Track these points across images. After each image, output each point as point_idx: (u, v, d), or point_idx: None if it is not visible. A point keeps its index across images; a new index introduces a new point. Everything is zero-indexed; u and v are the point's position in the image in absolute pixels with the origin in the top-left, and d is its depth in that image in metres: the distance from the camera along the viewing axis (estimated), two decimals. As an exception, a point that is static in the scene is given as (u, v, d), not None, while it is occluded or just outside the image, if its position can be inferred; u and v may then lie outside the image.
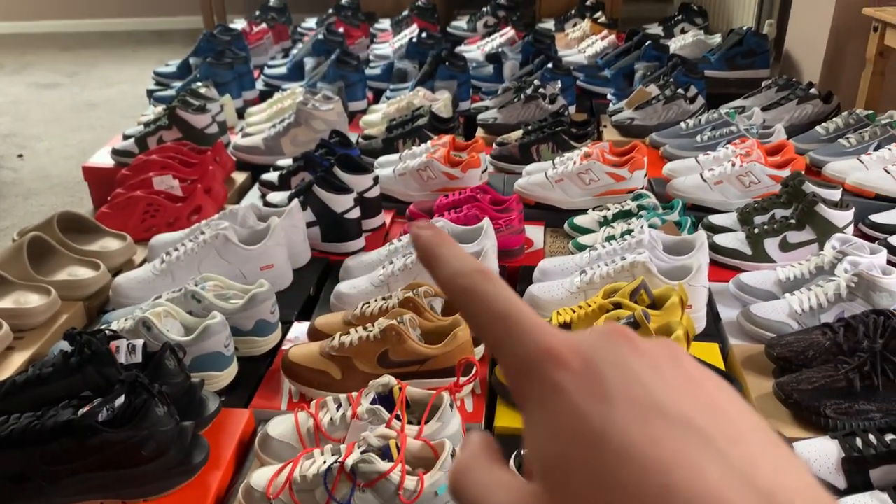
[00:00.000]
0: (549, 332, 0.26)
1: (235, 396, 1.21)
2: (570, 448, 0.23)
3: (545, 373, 0.25)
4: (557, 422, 0.24)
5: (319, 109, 2.14)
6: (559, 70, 2.63)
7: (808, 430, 1.12)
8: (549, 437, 0.24)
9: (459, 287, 0.28)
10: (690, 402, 0.23)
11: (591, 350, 0.25)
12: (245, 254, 1.43)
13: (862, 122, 2.12)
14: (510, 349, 0.26)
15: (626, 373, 0.24)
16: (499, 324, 0.27)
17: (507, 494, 0.25)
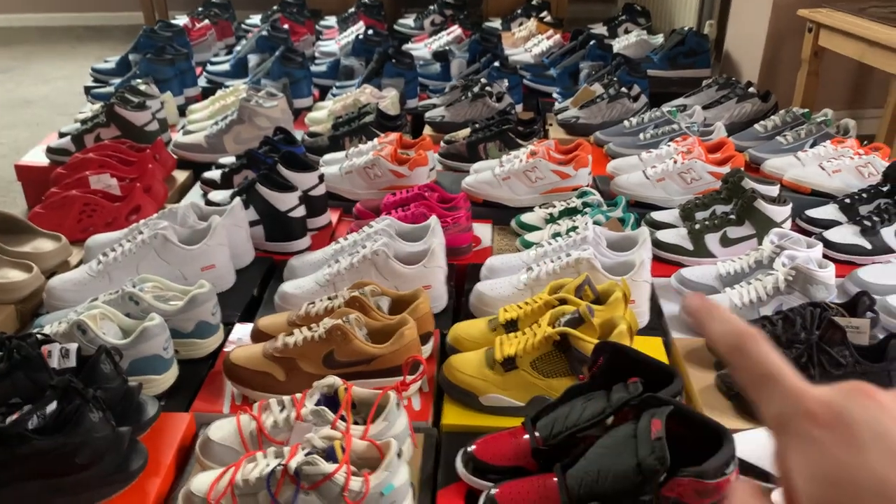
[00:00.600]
0: (806, 391, 0.31)
1: (176, 400, 1.18)
2: (833, 491, 0.28)
3: (802, 428, 0.30)
4: (818, 468, 0.29)
5: (263, 106, 2.11)
6: (506, 69, 2.64)
7: (749, 421, 1.14)
8: (815, 481, 0.29)
9: (729, 345, 0.34)
10: None
11: (840, 407, 0.30)
12: (185, 254, 1.40)
13: (798, 121, 2.18)
14: (773, 406, 0.32)
15: (874, 427, 0.29)
16: (763, 382, 0.32)
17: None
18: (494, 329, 1.28)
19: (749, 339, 0.33)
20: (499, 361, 1.16)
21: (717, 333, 0.34)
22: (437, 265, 1.41)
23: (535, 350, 1.14)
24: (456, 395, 1.18)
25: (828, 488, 0.29)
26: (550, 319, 1.17)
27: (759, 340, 0.33)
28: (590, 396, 0.99)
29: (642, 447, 0.85)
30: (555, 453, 0.97)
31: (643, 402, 0.92)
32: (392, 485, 0.93)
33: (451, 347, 1.29)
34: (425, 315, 1.25)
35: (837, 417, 0.30)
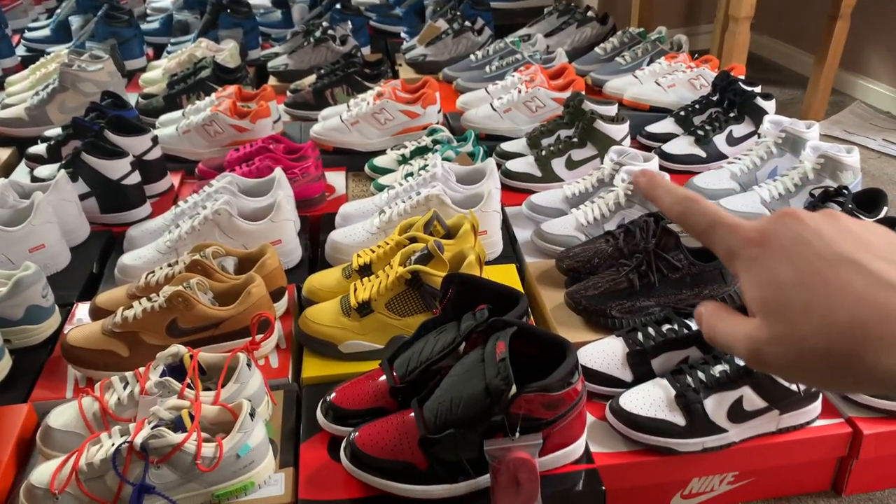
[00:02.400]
0: (743, 224, 0.39)
1: (13, 392, 1.09)
2: (767, 291, 0.37)
3: (744, 251, 0.38)
4: (758, 278, 0.37)
5: (87, 70, 1.96)
6: (349, 10, 2.57)
7: (599, 332, 1.19)
8: (755, 288, 0.37)
9: (677, 213, 0.42)
10: (842, 245, 0.35)
11: (770, 229, 0.38)
12: (7, 236, 1.29)
13: (635, 40, 2.24)
14: (721, 244, 0.40)
15: (796, 238, 0.37)
16: (709, 230, 0.41)
17: (743, 327, 0.38)
18: (349, 276, 1.26)
19: (691, 201, 0.42)
20: (354, 307, 1.15)
21: (666, 203, 0.43)
22: (285, 218, 1.37)
23: (389, 291, 1.14)
24: (314, 347, 1.16)
25: (762, 290, 0.37)
26: (401, 259, 1.17)
27: (699, 200, 0.42)
28: (441, 329, 1.00)
29: (489, 370, 0.86)
30: (412, 389, 0.97)
31: (490, 327, 0.93)
32: (248, 445, 0.91)
33: (307, 300, 1.26)
34: (274, 271, 1.21)
35: (767, 236, 0.37)
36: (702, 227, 0.41)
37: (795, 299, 0.35)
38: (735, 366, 1.00)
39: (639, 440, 1.00)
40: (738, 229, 0.39)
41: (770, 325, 0.36)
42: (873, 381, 0.34)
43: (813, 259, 0.35)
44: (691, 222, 0.42)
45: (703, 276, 1.19)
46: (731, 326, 0.40)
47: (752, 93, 1.73)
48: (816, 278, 0.35)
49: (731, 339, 0.39)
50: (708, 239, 0.41)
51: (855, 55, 2.73)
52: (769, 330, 0.37)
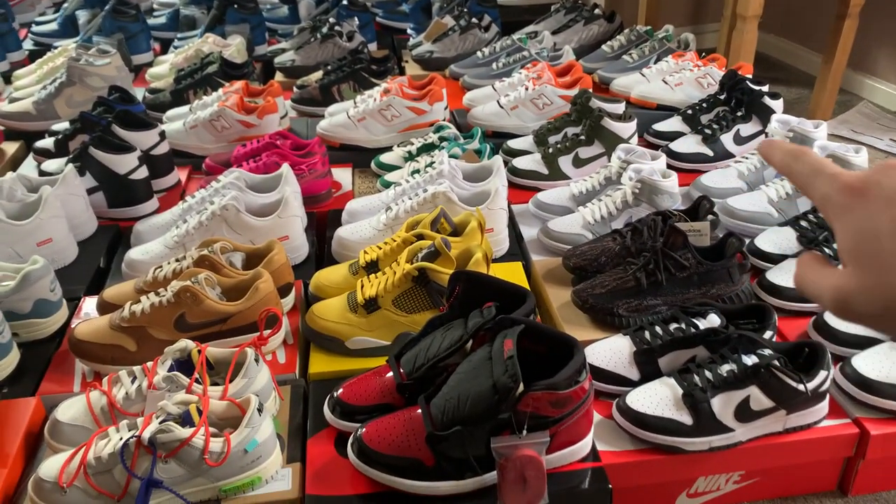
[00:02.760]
0: (845, 174, 0.39)
1: (21, 386, 1.10)
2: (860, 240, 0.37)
3: (842, 200, 0.38)
4: (852, 226, 0.37)
5: (94, 65, 1.96)
6: (355, 7, 2.56)
7: (606, 331, 1.19)
8: (848, 236, 0.37)
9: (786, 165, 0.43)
10: None
11: (869, 179, 0.37)
12: (15, 230, 1.29)
13: (642, 39, 2.24)
14: (820, 191, 0.40)
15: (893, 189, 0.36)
16: (811, 177, 0.41)
17: (830, 277, 0.39)
18: (356, 273, 1.26)
19: (800, 152, 0.42)
20: (361, 304, 1.15)
21: (777, 159, 0.43)
22: (292, 214, 1.37)
23: (396, 288, 1.14)
24: (321, 343, 1.16)
25: (855, 238, 0.37)
26: (408, 256, 1.17)
27: (807, 151, 0.42)
28: (449, 326, 1.00)
29: (497, 367, 0.86)
30: (419, 386, 0.97)
31: (497, 325, 0.93)
32: (255, 440, 0.91)
33: (314, 296, 1.26)
34: (282, 266, 1.22)
35: (866, 185, 0.37)
36: (805, 176, 0.41)
37: (889, 249, 0.35)
38: (742, 365, 1.00)
39: (645, 439, 1.00)
40: (839, 177, 0.39)
41: (861, 275, 0.36)
42: None
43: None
44: (795, 171, 0.42)
45: (710, 275, 1.19)
46: (820, 276, 0.40)
47: (759, 92, 1.72)
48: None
49: (819, 288, 0.39)
50: (809, 187, 0.41)
51: (863, 55, 2.72)
52: (860, 279, 0.37)
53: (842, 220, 0.38)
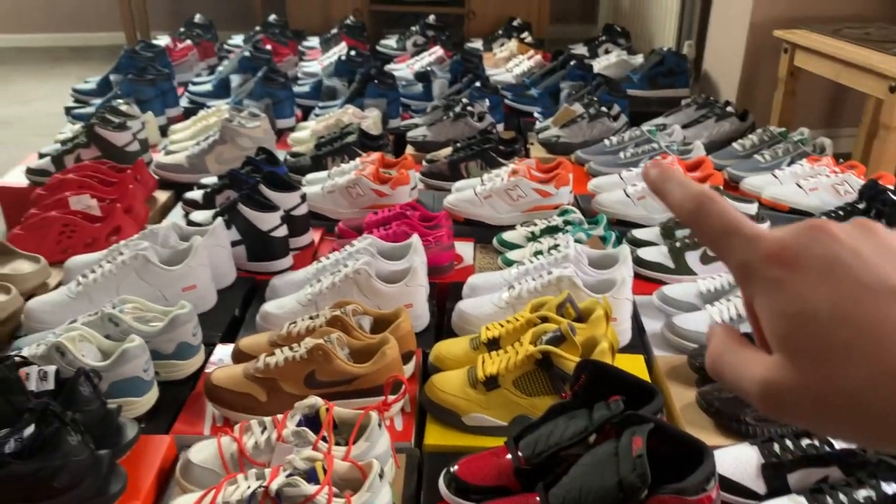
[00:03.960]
0: (765, 237, 0.33)
1: (156, 423, 1.16)
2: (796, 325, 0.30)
3: (766, 272, 0.32)
4: (783, 307, 0.31)
5: (246, 127, 2.11)
6: (487, 89, 2.66)
7: (730, 437, 1.15)
8: (778, 319, 0.31)
9: (688, 211, 0.35)
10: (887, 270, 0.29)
11: (796, 245, 0.31)
12: (166, 275, 1.39)
13: (775, 139, 2.21)
14: (736, 257, 0.33)
15: (829, 259, 0.30)
16: (723, 237, 0.34)
17: (756, 367, 0.32)
18: (476, 348, 1.28)
19: (707, 199, 0.35)
20: (481, 380, 1.16)
21: (676, 199, 0.35)
22: (418, 284, 1.41)
23: (518, 369, 1.14)
24: (438, 415, 1.18)
25: (789, 322, 0.31)
26: (532, 338, 1.18)
27: (717, 199, 0.35)
28: (572, 415, 1.00)
29: (624, 465, 0.85)
30: (537, 472, 0.97)
31: (624, 420, 0.92)
32: (374, 505, 0.92)
33: (433, 366, 1.29)
34: (407, 334, 1.25)
35: (794, 255, 0.31)
36: (715, 233, 0.34)
37: (831, 337, 0.29)
38: (882, 494, 0.94)
39: (771, 559, 0.95)
40: (759, 242, 0.33)
41: (796, 367, 0.30)
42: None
43: (853, 287, 0.29)
44: (703, 225, 0.34)
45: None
46: (742, 362, 0.33)
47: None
48: (858, 311, 0.29)
49: (741, 378, 0.33)
50: (721, 248, 0.34)
51: None
52: (794, 372, 0.30)
53: (766, 296, 0.32)
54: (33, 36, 4.82)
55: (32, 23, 4.80)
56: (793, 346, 0.30)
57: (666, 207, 0.36)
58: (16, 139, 3.19)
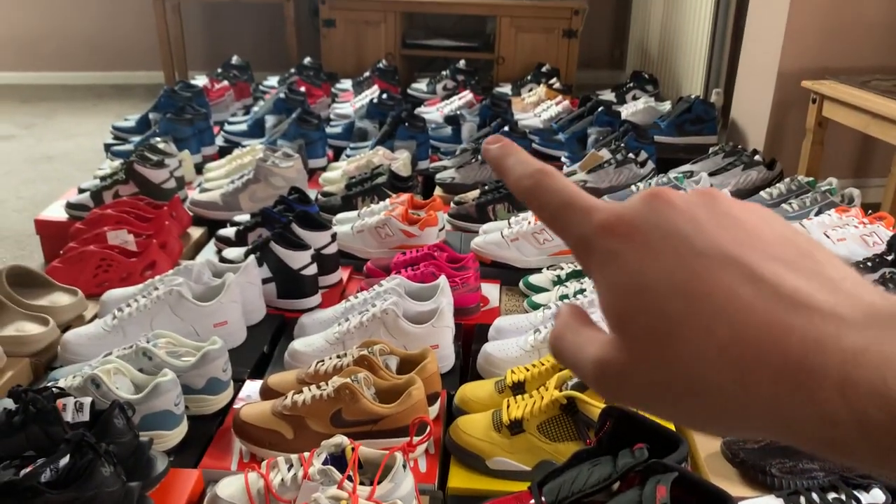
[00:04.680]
0: (601, 208, 0.31)
1: (185, 456, 1.18)
2: (629, 299, 0.28)
3: (602, 244, 0.30)
4: (617, 280, 0.29)
5: (279, 166, 2.16)
6: (515, 133, 2.70)
7: (755, 489, 1.14)
8: (612, 294, 0.29)
9: (525, 188, 0.33)
10: (726, 237, 0.27)
11: (633, 215, 0.29)
12: (198, 310, 1.42)
13: (803, 189, 2.21)
14: (572, 231, 0.31)
15: (665, 228, 0.28)
16: (560, 212, 0.32)
17: (593, 346, 0.29)
18: (502, 391, 1.29)
19: (545, 175, 0.33)
20: (506, 424, 1.17)
21: (514, 176, 0.33)
22: (445, 325, 1.42)
23: (542, 413, 1.15)
24: (462, 458, 1.18)
25: (622, 296, 0.28)
26: (557, 383, 1.18)
27: (554, 174, 0.33)
28: (596, 461, 1.00)
29: (648, 513, 0.85)
30: (560, 518, 0.97)
31: (649, 468, 0.92)
32: (397, 547, 0.93)
33: (458, 409, 1.29)
34: (433, 375, 1.26)
35: (630, 225, 0.29)
36: (552, 209, 0.32)
37: (664, 310, 0.27)
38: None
39: None
40: (595, 213, 0.30)
41: (629, 344, 0.28)
42: (766, 430, 0.26)
43: (688, 257, 0.27)
44: (541, 201, 0.32)
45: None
46: (581, 342, 0.30)
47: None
48: (693, 283, 0.27)
49: (577, 358, 0.30)
50: (559, 225, 0.32)
51: None
52: (627, 350, 0.28)
53: (604, 271, 0.29)
54: (77, 74, 4.98)
55: (77, 61, 4.97)
56: (626, 322, 0.28)
57: (507, 185, 0.34)
58: (58, 173, 3.28)
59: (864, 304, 0.26)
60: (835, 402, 0.24)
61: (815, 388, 0.24)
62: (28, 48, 4.90)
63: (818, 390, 0.24)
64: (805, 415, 0.25)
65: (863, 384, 0.24)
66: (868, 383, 0.24)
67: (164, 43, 4.41)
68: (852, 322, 0.25)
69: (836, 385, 0.24)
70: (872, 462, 0.25)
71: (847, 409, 0.24)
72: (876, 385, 0.23)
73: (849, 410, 0.24)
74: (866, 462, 0.25)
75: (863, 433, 0.24)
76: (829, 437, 0.25)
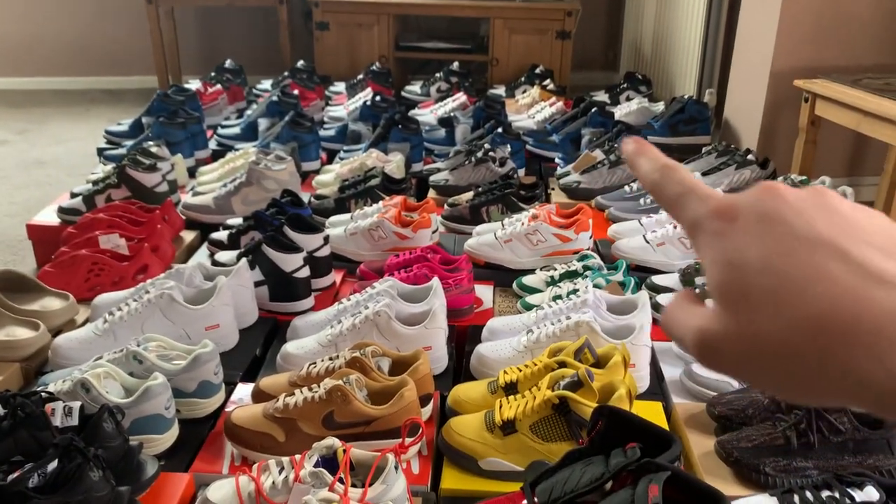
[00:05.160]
0: (715, 195, 0.34)
1: (176, 460, 1.18)
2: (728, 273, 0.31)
3: (711, 225, 0.33)
4: (720, 257, 0.32)
5: (271, 169, 2.16)
6: (509, 134, 2.70)
7: (749, 488, 1.14)
8: (715, 269, 0.32)
9: (653, 180, 0.37)
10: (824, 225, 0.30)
11: (744, 202, 0.33)
12: (190, 314, 1.41)
13: (797, 187, 2.21)
14: (688, 214, 0.35)
15: (771, 215, 0.31)
16: (680, 199, 0.36)
17: (696, 318, 0.33)
18: (494, 392, 1.28)
19: (669, 168, 0.37)
20: (498, 425, 1.16)
21: (644, 170, 0.38)
22: (437, 326, 1.42)
23: (535, 413, 1.15)
24: (455, 459, 1.18)
25: (722, 271, 0.32)
26: (550, 383, 1.18)
27: (679, 168, 0.37)
28: (589, 461, 1.00)
29: (640, 513, 0.85)
30: (553, 518, 0.96)
31: (641, 468, 0.92)
32: (389, 549, 0.92)
33: (451, 410, 1.29)
34: (425, 377, 1.26)
35: (738, 210, 0.32)
36: (674, 196, 0.36)
37: (759, 284, 0.30)
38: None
39: None
40: (711, 199, 0.34)
41: (727, 315, 0.31)
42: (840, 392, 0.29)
43: (787, 239, 0.30)
44: (665, 191, 0.36)
45: (867, 443, 1.12)
46: (687, 315, 0.34)
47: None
48: (787, 261, 0.30)
49: (682, 329, 0.34)
50: (678, 209, 0.36)
51: None
52: (726, 320, 0.31)
53: (710, 249, 0.33)
54: (70, 79, 4.97)
55: (69, 66, 4.96)
56: (724, 294, 0.31)
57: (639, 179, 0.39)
58: (50, 178, 3.27)
59: None
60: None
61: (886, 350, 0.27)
62: (20, 53, 4.89)
63: (889, 354, 0.27)
64: (878, 378, 0.27)
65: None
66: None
67: (157, 47, 4.40)
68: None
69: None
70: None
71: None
72: None
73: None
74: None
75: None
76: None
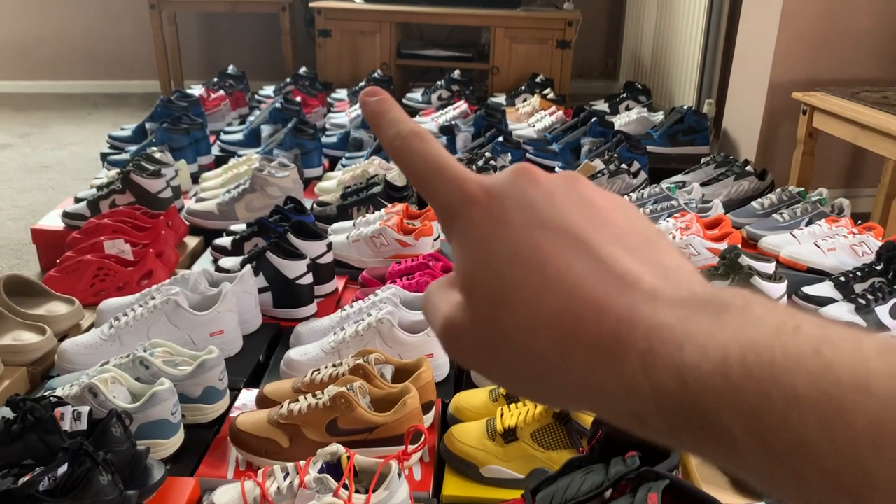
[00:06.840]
0: (468, 178, 0.31)
1: (181, 465, 1.19)
2: (475, 265, 0.29)
3: (463, 211, 0.30)
4: (471, 247, 0.30)
5: (275, 176, 2.18)
6: (509, 143, 2.72)
7: (746, 497, 1.15)
8: (463, 259, 0.30)
9: (397, 148, 0.32)
10: (575, 216, 0.29)
11: (497, 188, 0.30)
12: (195, 320, 1.43)
13: (794, 199, 2.24)
14: (439, 198, 0.31)
15: (522, 201, 0.29)
16: (428, 177, 0.32)
17: (447, 306, 0.30)
18: (496, 399, 1.30)
19: (417, 137, 0.32)
20: (499, 433, 1.18)
21: (389, 135, 0.33)
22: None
23: (536, 422, 1.17)
24: (457, 466, 1.20)
25: (472, 262, 0.29)
26: (550, 391, 1.20)
27: (427, 138, 0.32)
28: (588, 469, 1.01)
29: (639, 521, 0.86)
30: (553, 525, 0.98)
31: (640, 476, 0.94)
32: (392, 554, 0.94)
33: (452, 417, 1.31)
34: (427, 384, 1.28)
35: (492, 197, 0.30)
36: (420, 173, 0.32)
37: (504, 276, 0.28)
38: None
39: None
40: (462, 183, 0.31)
41: (470, 307, 0.29)
42: (583, 399, 0.27)
43: (535, 229, 0.28)
44: (410, 164, 0.32)
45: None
46: (440, 300, 0.31)
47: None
48: (532, 254, 0.28)
49: (434, 314, 0.31)
50: (427, 190, 0.32)
51: None
52: (469, 313, 0.29)
53: (460, 238, 0.30)
54: (73, 83, 4.99)
55: (72, 70, 4.98)
56: (470, 286, 0.29)
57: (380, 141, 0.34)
58: (53, 183, 3.29)
59: (687, 290, 0.27)
60: (636, 373, 0.25)
61: (621, 358, 0.25)
62: (23, 57, 4.91)
63: (624, 361, 0.25)
64: (613, 386, 0.26)
65: (661, 355, 0.25)
66: (666, 355, 0.24)
67: (160, 52, 4.43)
68: (669, 303, 0.26)
69: (639, 356, 0.25)
70: (667, 435, 0.25)
71: (646, 380, 0.25)
72: (673, 357, 0.24)
73: (647, 381, 0.25)
74: (662, 435, 0.26)
75: (657, 405, 0.25)
76: (632, 409, 0.25)
